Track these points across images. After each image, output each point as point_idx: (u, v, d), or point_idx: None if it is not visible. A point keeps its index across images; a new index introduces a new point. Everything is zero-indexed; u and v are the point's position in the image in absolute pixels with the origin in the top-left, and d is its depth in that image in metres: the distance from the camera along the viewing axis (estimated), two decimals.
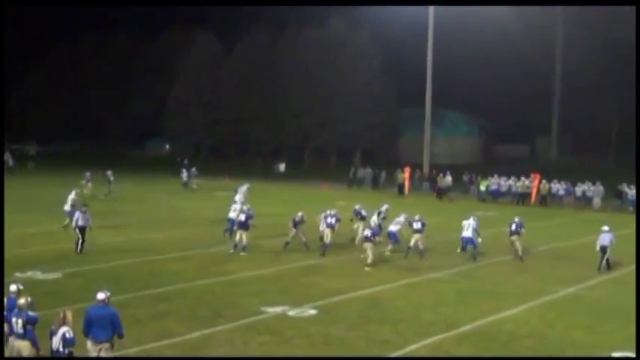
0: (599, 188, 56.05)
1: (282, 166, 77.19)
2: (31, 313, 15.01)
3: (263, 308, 22.30)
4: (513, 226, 32.31)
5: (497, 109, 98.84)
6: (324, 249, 32.06)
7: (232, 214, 34.69)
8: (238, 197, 42.47)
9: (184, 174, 62.51)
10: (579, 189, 56.82)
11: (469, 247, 32.01)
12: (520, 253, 31.89)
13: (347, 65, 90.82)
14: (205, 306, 22.55)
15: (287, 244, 32.92)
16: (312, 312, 22.16)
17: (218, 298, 23.61)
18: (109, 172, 58.23)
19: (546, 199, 56.52)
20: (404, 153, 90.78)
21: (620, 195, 55.97)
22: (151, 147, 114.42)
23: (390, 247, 32.51)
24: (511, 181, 59.29)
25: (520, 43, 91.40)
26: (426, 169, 69.30)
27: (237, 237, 31.94)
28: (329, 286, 25.57)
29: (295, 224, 33.01)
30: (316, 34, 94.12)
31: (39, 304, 16.42)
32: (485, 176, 61.46)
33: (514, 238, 32.06)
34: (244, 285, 25.71)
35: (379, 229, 32.42)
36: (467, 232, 31.85)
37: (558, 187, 57.70)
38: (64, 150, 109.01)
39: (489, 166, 78.76)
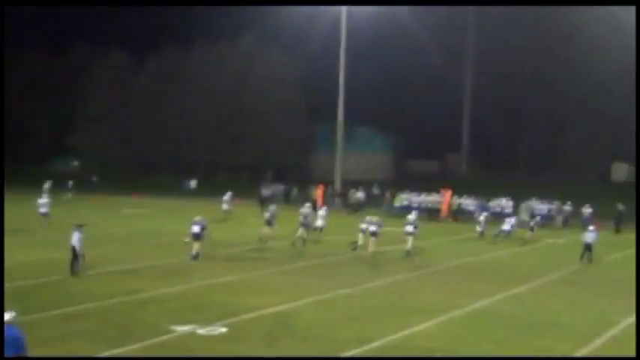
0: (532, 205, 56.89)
1: (193, 183, 76.56)
2: None
3: (172, 327, 21.94)
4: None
5: (409, 126, 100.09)
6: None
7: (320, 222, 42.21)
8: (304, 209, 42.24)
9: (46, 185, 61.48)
10: (493, 204, 57.68)
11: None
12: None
13: (260, 81, 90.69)
14: (114, 325, 22.09)
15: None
16: (222, 330, 21.88)
17: (127, 317, 23.18)
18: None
19: (457, 214, 57.15)
20: (316, 169, 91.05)
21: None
22: (57, 164, 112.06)
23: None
24: (422, 197, 59.85)
25: (432, 59, 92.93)
26: (338, 185, 69.57)
27: (194, 248, 33.42)
28: (239, 303, 25.32)
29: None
30: (228, 49, 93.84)
31: None
32: (397, 191, 61.91)
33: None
34: (153, 303, 25.31)
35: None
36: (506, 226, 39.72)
37: (468, 202, 58.45)
38: None
39: (401, 181, 79.39)
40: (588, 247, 36.10)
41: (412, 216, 39.18)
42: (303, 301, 26.11)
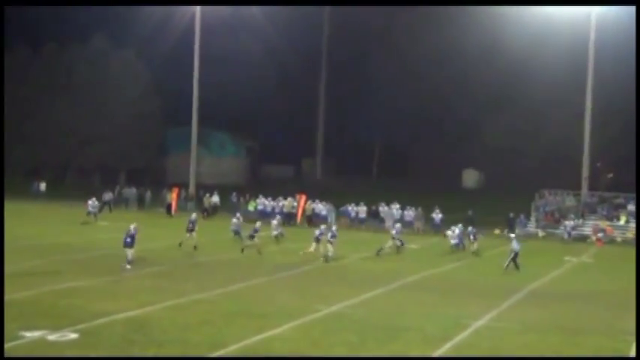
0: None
1: (42, 185, 74.27)
2: None
3: (21, 333, 21.24)
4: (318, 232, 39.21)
5: (264, 131, 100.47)
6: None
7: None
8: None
9: None
10: (351, 208, 58.37)
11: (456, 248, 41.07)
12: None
13: (112, 83, 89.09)
14: None
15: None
16: (73, 336, 21.31)
17: None
18: None
19: (311, 219, 57.53)
20: (170, 172, 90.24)
21: (376, 214, 57.99)
22: None
23: None
24: (276, 202, 60.01)
25: (288, 64, 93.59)
26: (192, 188, 69.11)
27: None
28: (91, 309, 24.74)
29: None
30: (80, 50, 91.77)
31: None
32: (251, 196, 61.90)
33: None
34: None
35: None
36: (455, 240, 41.00)
37: (321, 206, 58.90)
38: None
39: (256, 186, 79.40)
40: (515, 255, 37.23)
41: (333, 226, 42.43)
42: (157, 306, 25.74)
